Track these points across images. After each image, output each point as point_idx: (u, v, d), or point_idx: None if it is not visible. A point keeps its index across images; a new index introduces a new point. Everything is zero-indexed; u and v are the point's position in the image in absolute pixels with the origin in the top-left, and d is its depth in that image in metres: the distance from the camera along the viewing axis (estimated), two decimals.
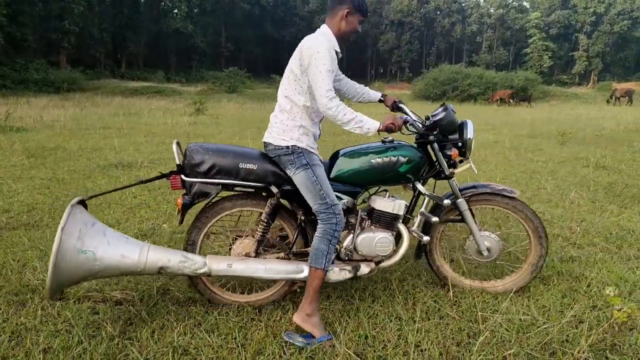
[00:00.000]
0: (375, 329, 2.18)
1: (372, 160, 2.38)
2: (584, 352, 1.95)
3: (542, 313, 2.34)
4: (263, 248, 2.41)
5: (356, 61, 79.38)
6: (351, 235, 2.41)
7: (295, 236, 2.43)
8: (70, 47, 40.53)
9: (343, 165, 2.39)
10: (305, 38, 2.28)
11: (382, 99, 2.72)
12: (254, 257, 2.36)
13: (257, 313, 2.34)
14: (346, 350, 1.96)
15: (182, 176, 2.26)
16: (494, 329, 2.18)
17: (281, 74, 2.39)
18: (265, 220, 2.35)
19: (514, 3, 72.94)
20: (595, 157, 7.34)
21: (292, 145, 2.24)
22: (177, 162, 2.28)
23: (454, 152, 2.43)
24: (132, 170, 6.10)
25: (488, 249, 2.58)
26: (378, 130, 2.21)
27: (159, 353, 1.95)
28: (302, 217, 2.40)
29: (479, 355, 1.94)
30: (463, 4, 73.99)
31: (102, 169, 6.12)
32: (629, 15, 61.65)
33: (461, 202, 2.53)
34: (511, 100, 26.90)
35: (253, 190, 2.37)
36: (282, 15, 73.25)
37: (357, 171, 2.39)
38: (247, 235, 2.45)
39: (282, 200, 2.38)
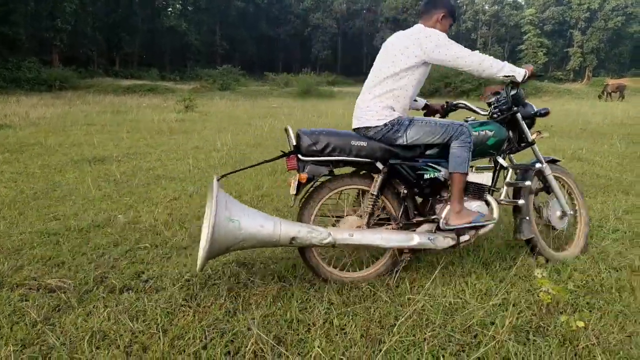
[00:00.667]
0: (303, 313, 2.17)
1: None
2: (505, 334, 1.95)
3: (475, 296, 2.34)
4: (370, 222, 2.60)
5: (352, 59, 79.33)
6: (448, 206, 2.58)
7: (401, 209, 2.63)
8: (63, 46, 40.41)
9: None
10: (414, 30, 2.57)
11: (425, 107, 3.07)
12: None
13: (188, 299, 2.32)
14: (260, 334, 1.94)
15: (299, 156, 2.43)
16: (422, 311, 2.17)
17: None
18: (375, 194, 2.55)
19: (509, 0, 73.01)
20: (572, 150, 7.34)
21: (389, 121, 2.50)
22: (293, 144, 2.44)
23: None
24: (104, 164, 6.08)
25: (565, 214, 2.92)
26: (524, 79, 2.56)
27: (78, 338, 1.94)
28: (405, 191, 2.62)
29: (400, 336, 1.94)
30: (458, 1, 73.91)
31: (74, 163, 6.09)
32: (623, 11, 61.72)
33: (546, 167, 2.88)
34: None
35: (356, 169, 2.63)
36: (276, 13, 73.13)
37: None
38: (348, 214, 2.63)
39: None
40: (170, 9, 50.36)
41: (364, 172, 2.63)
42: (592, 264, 2.78)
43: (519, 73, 2.53)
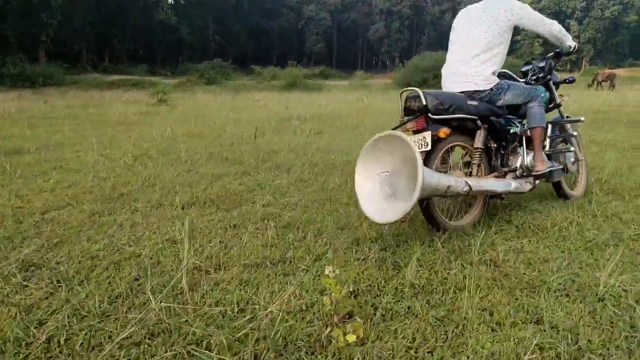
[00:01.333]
0: None
1: None
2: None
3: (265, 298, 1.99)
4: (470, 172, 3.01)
5: (347, 51, 78.82)
6: (521, 157, 3.16)
7: (497, 160, 3.16)
8: (50, 41, 40.03)
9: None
10: (498, 2, 2.91)
11: None
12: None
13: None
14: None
15: (430, 115, 2.67)
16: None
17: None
18: (481, 148, 2.94)
19: None
20: None
21: (494, 85, 2.94)
22: (424, 104, 2.64)
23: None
24: (15, 156, 5.75)
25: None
26: (573, 50, 3.18)
27: None
28: (494, 145, 3.12)
29: None
30: None
31: None
32: (620, 0, 61.00)
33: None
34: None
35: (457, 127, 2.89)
36: (270, 6, 72.59)
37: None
38: (453, 168, 3.00)
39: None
40: (160, 3, 49.69)
41: (463, 130, 2.93)
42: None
43: (575, 46, 3.18)
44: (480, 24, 2.91)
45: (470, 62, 2.91)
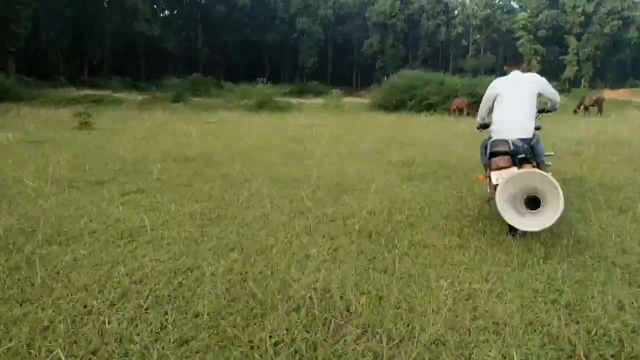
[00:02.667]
0: None
1: None
2: None
3: None
4: None
5: (342, 68, 77.17)
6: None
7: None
8: (18, 53, 38.46)
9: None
10: (531, 76, 4.33)
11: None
12: None
13: None
14: None
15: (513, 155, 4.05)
16: None
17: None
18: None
19: (500, 2, 70.49)
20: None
21: (534, 134, 4.16)
22: (512, 148, 4.02)
23: None
24: None
25: None
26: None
27: None
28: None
29: None
30: (448, 4, 71.63)
31: None
32: (619, 15, 59.26)
33: None
34: (469, 111, 24.50)
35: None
36: (262, 18, 71.09)
37: None
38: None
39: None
40: (140, 14, 48.11)
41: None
42: None
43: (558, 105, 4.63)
44: (521, 89, 4.19)
45: (524, 117, 4.12)
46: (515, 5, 72.05)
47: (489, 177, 4.07)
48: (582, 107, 24.31)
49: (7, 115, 20.45)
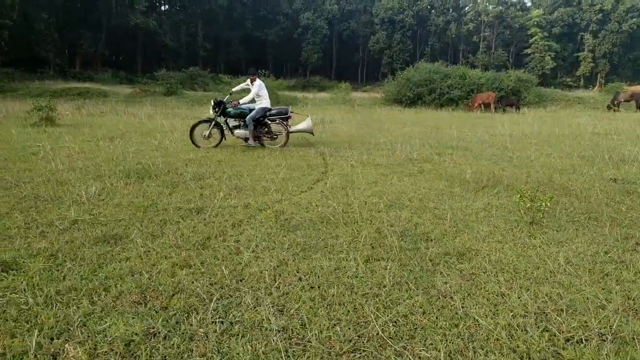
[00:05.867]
0: None
1: None
2: None
3: None
4: None
5: (346, 63, 74.47)
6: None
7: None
8: (4, 44, 35.79)
9: None
10: None
11: None
12: None
13: None
14: None
15: None
16: None
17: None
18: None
19: (514, 0, 67.69)
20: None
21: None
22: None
23: None
24: None
25: None
26: None
27: None
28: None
29: None
30: (459, 1, 68.81)
31: None
32: (639, 13, 56.37)
33: None
34: (496, 106, 21.80)
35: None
36: (264, 13, 68.38)
37: None
38: None
39: None
40: (135, 6, 45.32)
41: None
42: None
43: None
44: None
45: None
46: (528, 2, 69.18)
47: None
48: (617, 102, 21.68)
49: None
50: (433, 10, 66.97)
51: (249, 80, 9.27)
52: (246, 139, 8.85)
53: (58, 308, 2.37)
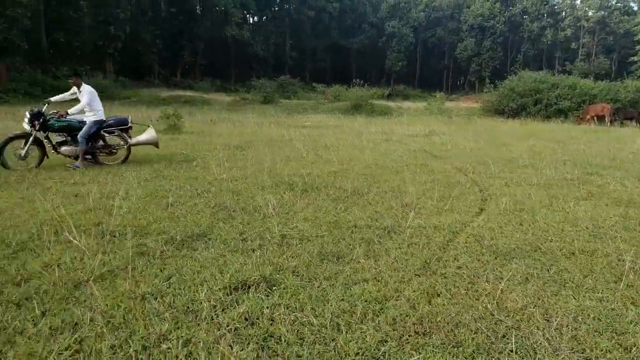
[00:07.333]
0: None
1: None
2: None
3: None
4: None
5: (431, 70, 73.08)
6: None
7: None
8: (117, 54, 39.21)
9: None
10: None
11: None
12: None
13: None
14: None
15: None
16: None
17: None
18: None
19: (618, 4, 62.52)
20: None
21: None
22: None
23: None
24: None
25: None
26: None
27: None
28: None
29: None
30: (555, 7, 64.89)
31: None
32: None
33: None
34: (612, 119, 20.18)
35: None
36: (350, 22, 69.03)
37: None
38: None
39: None
40: (231, 18, 47.76)
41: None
42: None
43: None
44: None
45: None
46: (634, 5, 63.60)
47: None
48: None
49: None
50: (526, 16, 63.76)
51: (74, 88, 7.56)
52: (76, 158, 7.38)
53: (348, 333, 2.40)
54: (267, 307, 2.61)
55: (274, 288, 2.87)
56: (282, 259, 3.39)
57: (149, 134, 8.30)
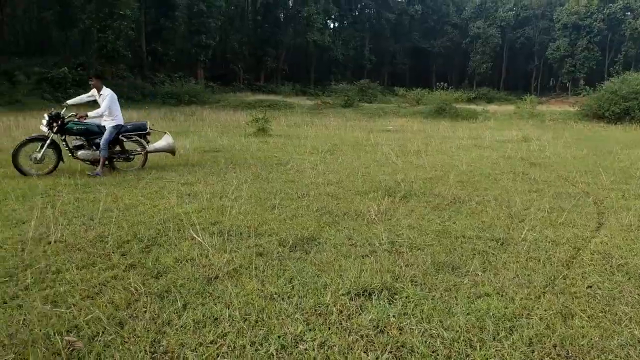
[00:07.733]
0: None
1: None
2: None
3: None
4: None
5: (517, 72, 69.42)
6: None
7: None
8: (207, 61, 41.47)
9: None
10: None
11: None
12: None
13: None
14: None
15: None
16: None
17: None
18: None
19: None
20: None
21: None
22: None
23: None
24: None
25: None
26: None
27: None
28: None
29: None
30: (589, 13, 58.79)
31: None
32: None
33: None
34: None
35: None
36: (432, 24, 67.59)
37: None
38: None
39: None
40: (314, 24, 48.76)
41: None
42: None
43: None
44: None
45: None
46: None
47: None
48: None
49: (192, 118, 20.94)
50: (629, 13, 58.44)
51: (93, 90, 7.27)
52: (93, 163, 7.13)
53: (482, 349, 2.32)
54: (394, 316, 2.60)
55: (395, 296, 2.86)
56: (396, 267, 3.36)
57: (165, 141, 8.00)
